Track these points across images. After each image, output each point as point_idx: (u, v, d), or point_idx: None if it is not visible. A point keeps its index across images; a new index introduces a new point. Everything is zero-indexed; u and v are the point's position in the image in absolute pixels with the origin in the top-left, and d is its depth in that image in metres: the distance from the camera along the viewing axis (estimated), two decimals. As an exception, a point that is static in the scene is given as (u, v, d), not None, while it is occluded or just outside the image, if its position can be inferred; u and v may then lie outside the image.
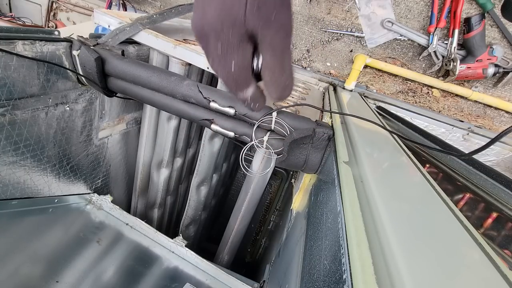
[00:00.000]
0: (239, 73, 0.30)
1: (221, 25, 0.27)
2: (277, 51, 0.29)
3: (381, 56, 1.21)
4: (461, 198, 0.72)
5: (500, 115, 1.21)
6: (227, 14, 0.27)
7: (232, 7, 0.26)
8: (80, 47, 0.59)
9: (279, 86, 0.31)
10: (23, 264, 0.55)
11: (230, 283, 0.67)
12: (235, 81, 0.31)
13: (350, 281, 0.24)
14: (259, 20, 0.27)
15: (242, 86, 0.32)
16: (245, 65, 0.30)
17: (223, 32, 0.28)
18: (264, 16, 0.27)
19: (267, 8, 0.26)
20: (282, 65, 0.30)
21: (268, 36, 0.28)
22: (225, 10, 0.26)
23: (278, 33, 0.28)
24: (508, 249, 0.63)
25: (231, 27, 0.27)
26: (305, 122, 0.54)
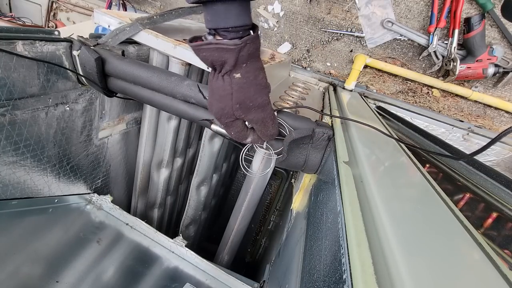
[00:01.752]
0: (238, 136, 0.50)
1: (220, 115, 0.46)
2: (259, 122, 0.47)
3: (381, 56, 1.21)
4: (461, 198, 0.72)
5: (500, 115, 1.21)
6: (222, 111, 0.45)
7: (225, 107, 0.44)
8: (80, 47, 0.59)
9: (266, 136, 0.51)
10: (23, 264, 0.55)
11: (230, 283, 0.67)
12: (239, 137, 0.50)
13: (350, 281, 0.24)
14: (241, 112, 0.44)
15: (243, 138, 0.51)
16: (239, 131, 0.49)
17: (222, 118, 0.46)
18: (245, 108, 0.44)
19: (245, 103, 0.43)
20: (265, 126, 0.48)
21: (250, 117, 0.46)
22: (221, 108, 0.44)
23: (256, 112, 0.45)
24: (508, 249, 0.63)
25: (226, 116, 0.46)
26: (305, 122, 0.54)
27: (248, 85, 0.42)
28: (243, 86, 0.41)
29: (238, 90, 0.41)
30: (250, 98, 0.43)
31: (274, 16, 1.26)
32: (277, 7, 1.24)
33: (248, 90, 0.42)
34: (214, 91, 0.44)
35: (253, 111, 0.45)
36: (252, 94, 0.43)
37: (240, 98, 0.42)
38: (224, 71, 0.40)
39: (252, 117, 0.46)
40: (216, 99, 0.44)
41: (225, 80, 0.41)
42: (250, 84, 0.42)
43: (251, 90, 0.42)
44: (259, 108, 0.45)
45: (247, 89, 0.42)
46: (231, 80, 0.41)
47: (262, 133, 0.49)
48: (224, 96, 0.42)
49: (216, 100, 0.44)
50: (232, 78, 0.40)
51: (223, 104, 0.43)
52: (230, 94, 0.42)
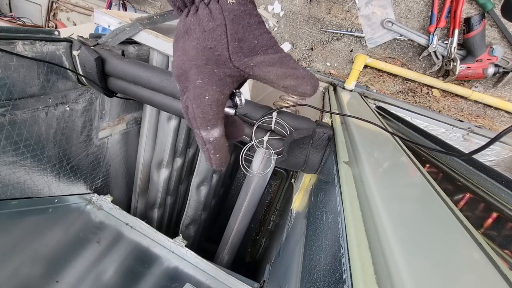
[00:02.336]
0: (210, 108, 0.29)
1: (204, 61, 0.28)
2: (277, 62, 0.29)
3: (381, 56, 1.21)
4: (461, 198, 0.72)
5: (500, 115, 1.21)
6: (210, 52, 0.28)
7: (215, 46, 0.28)
8: (80, 47, 0.59)
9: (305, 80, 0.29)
10: (23, 264, 0.55)
11: (230, 283, 0.67)
12: (204, 116, 0.29)
13: (350, 281, 0.24)
14: (244, 55, 0.28)
15: (209, 122, 0.29)
16: (219, 101, 0.29)
17: (205, 67, 0.28)
18: (248, 48, 0.28)
19: (248, 39, 0.28)
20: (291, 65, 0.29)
21: (258, 60, 0.29)
22: (208, 48, 0.28)
23: (266, 52, 0.29)
24: (508, 249, 0.63)
25: (214, 65, 0.28)
26: (305, 122, 0.54)
27: (247, 16, 0.28)
28: (242, 16, 0.27)
29: (234, 20, 0.27)
30: (253, 33, 0.28)
31: (274, 16, 1.26)
32: (277, 7, 1.24)
33: (249, 21, 0.28)
34: (191, 28, 0.28)
35: (261, 53, 0.29)
36: (255, 28, 0.28)
37: (240, 33, 0.27)
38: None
39: (262, 59, 0.28)
40: (196, 38, 0.28)
41: (212, 7, 0.27)
42: (250, 14, 0.28)
43: (252, 22, 0.28)
44: (269, 47, 0.29)
45: (247, 20, 0.28)
46: (222, 7, 0.27)
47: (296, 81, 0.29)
48: (213, 30, 0.27)
49: (196, 40, 0.28)
50: (223, 4, 0.27)
51: (212, 42, 0.28)
52: (222, 25, 0.27)
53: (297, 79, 0.28)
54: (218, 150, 0.30)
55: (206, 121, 0.29)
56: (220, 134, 0.30)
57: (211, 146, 0.30)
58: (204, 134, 0.30)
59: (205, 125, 0.29)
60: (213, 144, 0.30)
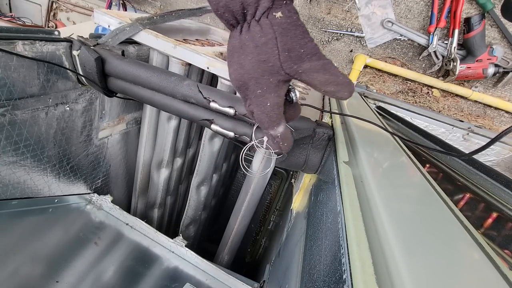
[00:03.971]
0: (273, 111, 0.35)
1: (261, 73, 0.33)
2: (320, 71, 0.33)
3: (381, 56, 1.21)
4: (461, 198, 0.72)
5: (500, 115, 1.21)
6: (265, 65, 0.32)
7: (268, 59, 0.32)
8: (80, 47, 0.59)
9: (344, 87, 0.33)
10: (23, 264, 0.55)
11: (230, 283, 0.67)
12: (270, 119, 0.35)
13: (350, 281, 0.24)
14: (293, 62, 0.32)
15: (275, 123, 0.36)
16: (279, 103, 0.35)
17: (263, 79, 0.33)
18: (296, 56, 0.32)
19: (295, 49, 0.32)
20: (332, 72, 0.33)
21: (305, 67, 0.33)
22: (262, 61, 0.32)
23: (311, 60, 0.33)
24: (508, 249, 0.63)
25: (269, 75, 0.33)
26: (305, 122, 0.54)
27: (294, 27, 0.31)
28: (289, 28, 0.31)
29: (283, 33, 0.31)
30: (299, 43, 0.32)
31: (274, 16, 1.26)
32: (277, 7, 1.24)
33: (295, 32, 0.31)
34: (246, 44, 0.32)
35: (307, 60, 0.32)
36: (300, 38, 0.32)
37: (288, 43, 0.31)
38: (261, 10, 0.30)
39: (309, 66, 0.33)
40: (250, 53, 0.32)
41: (263, 23, 0.31)
42: (296, 26, 0.31)
43: (298, 33, 0.32)
44: (313, 55, 0.33)
45: (293, 31, 0.31)
46: (271, 23, 0.31)
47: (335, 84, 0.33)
48: (265, 44, 0.31)
49: (250, 54, 0.32)
50: (272, 19, 0.30)
51: (265, 55, 0.32)
52: (273, 39, 0.31)
53: (337, 85, 0.33)
54: (285, 140, 0.38)
55: (271, 122, 0.36)
56: (284, 128, 0.37)
57: (279, 139, 0.37)
58: (272, 132, 0.36)
59: (272, 126, 0.36)
60: (280, 137, 0.37)
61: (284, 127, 0.37)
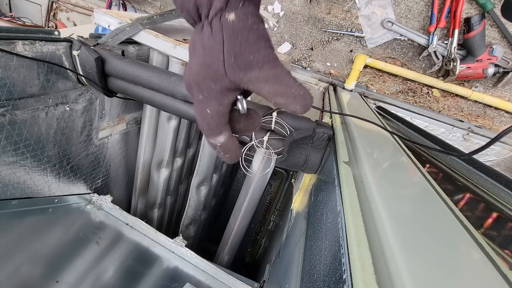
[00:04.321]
0: (212, 120, 0.32)
1: (203, 78, 0.31)
2: (270, 79, 0.30)
3: (381, 56, 1.21)
4: (461, 198, 0.72)
5: (500, 115, 1.21)
6: (208, 69, 0.30)
7: (212, 63, 0.30)
8: (80, 47, 0.59)
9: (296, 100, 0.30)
10: (23, 264, 0.55)
11: (230, 283, 0.67)
12: (209, 127, 0.33)
13: (350, 281, 0.24)
14: (239, 69, 0.29)
15: (214, 132, 0.33)
16: (220, 112, 0.32)
17: (204, 83, 0.31)
18: (243, 63, 0.29)
19: (243, 55, 0.29)
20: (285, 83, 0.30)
21: (253, 75, 0.30)
22: (205, 65, 0.30)
23: (261, 69, 0.29)
24: (508, 249, 0.63)
25: (211, 80, 0.30)
26: (305, 122, 0.54)
27: (246, 31, 0.29)
28: (240, 32, 0.28)
29: (233, 36, 0.28)
30: (250, 49, 0.29)
31: (274, 16, 1.26)
32: (277, 7, 1.24)
33: (246, 37, 0.29)
34: (196, 45, 0.30)
35: (256, 69, 0.29)
36: (252, 44, 0.29)
37: (236, 49, 0.29)
38: (213, 11, 0.28)
39: (256, 75, 0.30)
40: (197, 55, 0.30)
41: (214, 25, 0.28)
42: (249, 30, 0.29)
43: (250, 38, 0.29)
44: (265, 63, 0.29)
45: (245, 36, 0.29)
46: (222, 25, 0.28)
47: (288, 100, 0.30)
48: (211, 47, 0.29)
49: (197, 57, 0.30)
50: (224, 21, 0.28)
51: (209, 59, 0.29)
52: (220, 42, 0.28)
53: (288, 98, 0.30)
54: (227, 151, 0.35)
55: (211, 131, 0.33)
56: (226, 138, 0.34)
57: (220, 149, 0.34)
58: (212, 141, 0.34)
59: (210, 134, 0.33)
60: (221, 147, 0.34)
61: (226, 138, 0.34)
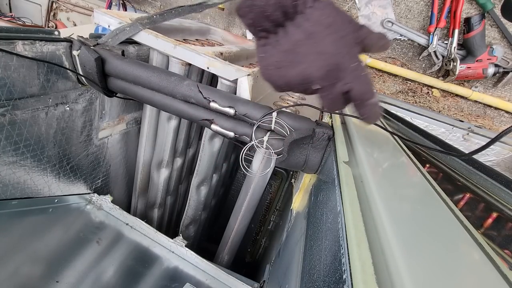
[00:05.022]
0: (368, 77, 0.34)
1: (349, 48, 0.32)
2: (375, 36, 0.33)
3: (381, 56, 1.21)
4: (461, 198, 0.72)
5: (500, 115, 1.21)
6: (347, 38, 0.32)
7: (347, 34, 0.32)
8: (80, 47, 0.59)
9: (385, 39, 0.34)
10: (23, 264, 0.55)
11: (230, 283, 0.67)
12: (372, 87, 0.35)
13: (350, 281, 0.24)
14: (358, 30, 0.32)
15: (373, 90, 0.35)
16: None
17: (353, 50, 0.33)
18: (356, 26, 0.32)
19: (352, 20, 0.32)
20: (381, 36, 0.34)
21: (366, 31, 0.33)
22: (342, 37, 0.32)
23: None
24: (508, 249, 0.63)
25: (355, 45, 0.33)
26: (305, 122, 0.54)
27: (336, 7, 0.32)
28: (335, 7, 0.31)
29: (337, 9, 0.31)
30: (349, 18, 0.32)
31: (274, 16, 1.26)
32: (277, 7, 1.24)
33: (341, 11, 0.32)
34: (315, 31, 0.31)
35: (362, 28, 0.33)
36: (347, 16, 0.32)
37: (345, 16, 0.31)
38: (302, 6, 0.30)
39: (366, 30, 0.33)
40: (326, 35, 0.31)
41: (319, 7, 0.30)
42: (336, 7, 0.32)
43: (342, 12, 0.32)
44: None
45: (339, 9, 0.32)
46: (322, 5, 0.30)
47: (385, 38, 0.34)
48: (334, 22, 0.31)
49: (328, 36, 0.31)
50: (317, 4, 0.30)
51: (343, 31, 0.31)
52: (334, 14, 0.31)
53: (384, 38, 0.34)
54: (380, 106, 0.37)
55: (372, 90, 0.35)
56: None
57: (379, 104, 0.37)
58: (374, 100, 0.35)
59: (374, 92, 0.35)
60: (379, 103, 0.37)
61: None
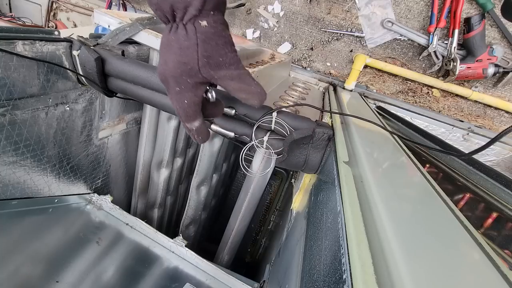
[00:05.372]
0: (189, 108, 0.39)
1: (180, 73, 0.36)
2: (235, 79, 0.37)
3: (381, 56, 1.21)
4: (461, 198, 0.72)
5: (500, 115, 1.20)
6: (184, 66, 0.36)
7: (188, 62, 0.35)
8: (80, 47, 0.59)
9: (254, 95, 0.39)
10: (23, 264, 0.55)
11: (230, 283, 0.67)
12: (186, 114, 0.39)
13: (350, 281, 0.24)
14: (211, 68, 0.36)
15: (191, 118, 0.40)
16: (195, 102, 0.39)
17: (181, 78, 0.36)
18: (214, 63, 0.36)
19: (214, 57, 0.35)
20: (246, 82, 0.38)
21: (221, 74, 0.37)
22: (182, 63, 0.35)
23: (228, 69, 0.37)
24: (508, 249, 0.63)
25: (188, 76, 0.36)
26: (305, 122, 0.54)
27: (216, 36, 0.35)
28: (211, 37, 0.34)
29: (205, 41, 0.34)
30: (219, 52, 0.35)
31: (274, 16, 1.26)
32: (277, 7, 1.24)
33: (217, 42, 0.35)
34: (172, 43, 0.35)
35: (224, 68, 0.37)
36: (221, 48, 0.36)
37: (208, 51, 0.35)
38: (188, 16, 0.33)
39: (224, 74, 0.37)
40: (174, 53, 0.35)
41: (188, 28, 0.34)
42: (219, 36, 0.35)
43: (220, 43, 0.35)
44: (231, 65, 0.37)
45: (216, 40, 0.35)
46: (196, 29, 0.34)
47: (248, 95, 0.39)
48: (187, 48, 0.34)
49: (174, 54, 0.35)
50: (198, 26, 0.33)
51: (186, 58, 0.35)
52: (194, 45, 0.34)
53: (248, 93, 0.39)
54: (200, 133, 0.42)
55: (188, 117, 0.40)
56: (200, 123, 0.41)
57: (194, 131, 0.42)
58: (188, 125, 0.41)
59: (188, 120, 0.40)
60: (196, 131, 0.41)
61: (200, 123, 0.41)
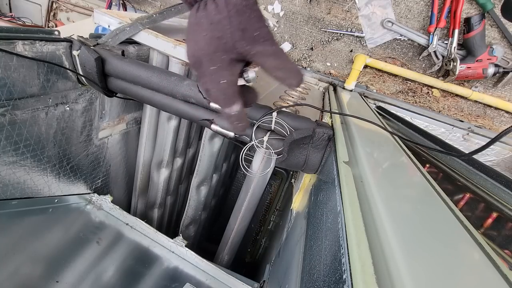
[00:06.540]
0: (228, 89, 0.35)
1: (214, 50, 0.33)
2: (271, 55, 0.34)
3: (381, 56, 1.21)
4: (461, 198, 0.72)
5: (500, 115, 1.20)
6: (218, 41, 0.33)
7: (222, 36, 0.32)
8: (80, 47, 0.59)
9: (292, 74, 0.35)
10: (23, 264, 0.55)
11: (230, 283, 0.67)
12: (225, 96, 0.36)
13: (350, 281, 0.24)
14: (247, 43, 0.33)
15: (231, 101, 0.36)
16: (233, 82, 0.35)
17: (216, 55, 0.33)
18: (249, 37, 0.33)
19: (249, 30, 0.32)
20: (283, 59, 0.34)
21: (258, 49, 0.34)
22: (215, 38, 0.32)
23: (264, 44, 0.33)
24: (508, 249, 0.63)
25: (223, 52, 0.33)
26: (305, 122, 0.54)
27: (249, 9, 0.32)
28: (244, 10, 0.32)
29: (238, 13, 0.31)
30: (254, 26, 0.32)
31: (274, 16, 1.26)
32: (277, 7, 1.24)
33: (249, 15, 0.32)
34: (201, 21, 0.32)
35: (260, 43, 0.33)
36: (255, 21, 0.32)
37: (243, 23, 0.32)
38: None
39: (261, 49, 0.33)
40: (205, 30, 0.32)
41: (219, 2, 0.31)
42: (251, 9, 0.32)
43: (253, 16, 0.32)
44: (266, 40, 0.33)
45: (248, 13, 0.32)
46: (226, 3, 0.31)
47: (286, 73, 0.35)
48: (219, 22, 0.32)
49: (205, 31, 0.32)
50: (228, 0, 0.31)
51: (219, 32, 0.32)
52: (227, 17, 0.31)
53: (286, 72, 0.34)
54: (240, 119, 0.37)
55: (227, 100, 0.36)
56: (240, 107, 0.37)
57: (234, 118, 0.37)
58: (227, 110, 0.36)
59: (228, 104, 0.36)
60: (236, 116, 0.37)
61: (240, 106, 0.37)
